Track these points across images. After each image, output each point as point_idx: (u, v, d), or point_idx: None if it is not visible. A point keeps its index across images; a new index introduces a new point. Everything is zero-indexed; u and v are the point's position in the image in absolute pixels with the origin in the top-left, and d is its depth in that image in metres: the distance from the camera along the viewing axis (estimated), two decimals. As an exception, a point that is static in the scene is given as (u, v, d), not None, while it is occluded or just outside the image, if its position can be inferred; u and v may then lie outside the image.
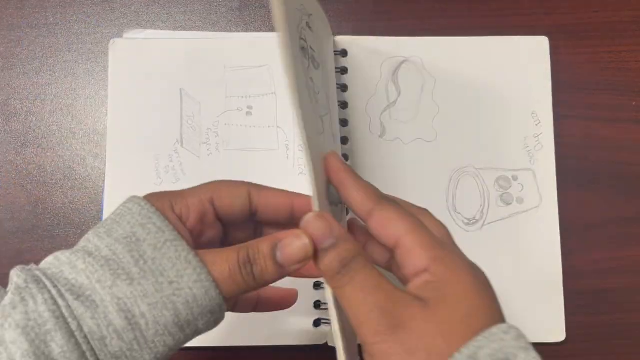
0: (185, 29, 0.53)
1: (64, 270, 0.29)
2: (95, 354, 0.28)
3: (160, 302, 0.29)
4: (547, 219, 0.50)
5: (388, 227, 0.31)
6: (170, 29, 0.53)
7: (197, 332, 0.31)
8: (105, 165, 0.50)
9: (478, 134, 0.51)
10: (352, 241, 0.31)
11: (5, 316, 0.27)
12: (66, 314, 0.28)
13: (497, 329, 0.29)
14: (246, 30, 0.54)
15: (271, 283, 0.33)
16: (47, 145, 0.52)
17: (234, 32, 0.53)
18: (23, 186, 0.51)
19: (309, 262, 0.32)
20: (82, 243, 0.31)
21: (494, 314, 0.30)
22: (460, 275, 0.30)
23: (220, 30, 0.53)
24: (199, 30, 0.53)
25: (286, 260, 0.32)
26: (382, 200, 0.32)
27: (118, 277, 0.29)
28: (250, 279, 0.32)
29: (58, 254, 0.30)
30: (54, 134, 0.52)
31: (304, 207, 0.34)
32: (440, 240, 0.31)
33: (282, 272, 0.32)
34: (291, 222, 0.35)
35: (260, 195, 0.35)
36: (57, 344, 0.27)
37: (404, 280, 0.32)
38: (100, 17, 0.54)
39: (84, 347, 0.27)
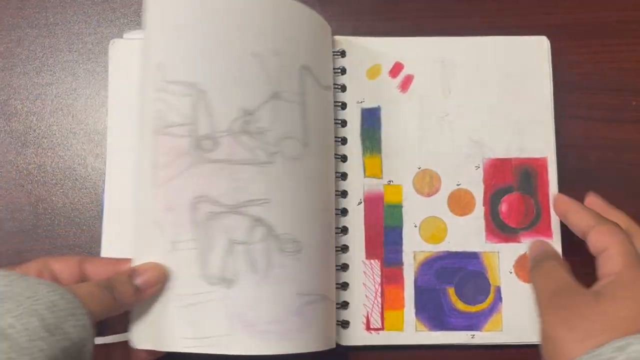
0: (185, 29, 0.53)
1: None
2: None
3: (25, 312, 0.32)
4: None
5: (603, 237, 0.40)
6: (170, 29, 0.53)
7: (70, 339, 0.33)
8: (105, 165, 0.50)
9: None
10: (549, 252, 0.45)
11: None
12: None
13: None
14: (246, 31, 0.53)
15: (132, 305, 0.39)
16: (48, 145, 0.52)
17: (234, 32, 0.53)
18: (23, 186, 0.51)
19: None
20: None
21: None
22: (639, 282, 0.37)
23: (221, 31, 0.53)
24: (199, 31, 0.53)
25: (144, 284, 0.39)
26: (602, 219, 0.42)
27: None
28: (111, 299, 0.37)
29: None
30: (54, 133, 0.52)
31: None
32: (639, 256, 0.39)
33: (140, 295, 0.39)
34: None
35: (87, 263, 0.40)
36: None
37: (599, 279, 0.40)
38: (100, 17, 0.54)
39: None
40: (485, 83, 0.51)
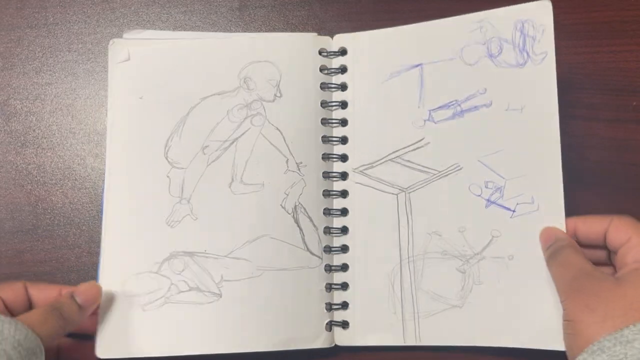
0: (185, 29, 0.53)
1: None
2: None
3: None
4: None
5: (624, 229, 0.42)
6: (170, 29, 0.53)
7: None
8: (104, 165, 0.50)
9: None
10: (563, 239, 0.44)
11: None
12: None
13: None
14: (246, 30, 0.54)
15: (78, 322, 0.43)
16: (47, 145, 0.52)
17: (234, 32, 0.54)
18: (23, 186, 0.51)
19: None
20: None
21: None
22: None
23: (220, 30, 0.53)
24: (198, 30, 0.53)
25: (85, 301, 0.43)
26: (613, 215, 0.43)
27: None
28: (61, 320, 0.41)
29: None
30: (54, 133, 0.52)
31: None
32: None
33: (84, 312, 0.43)
34: None
35: (32, 289, 0.44)
36: None
37: (620, 269, 0.41)
38: (100, 17, 0.54)
39: None
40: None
